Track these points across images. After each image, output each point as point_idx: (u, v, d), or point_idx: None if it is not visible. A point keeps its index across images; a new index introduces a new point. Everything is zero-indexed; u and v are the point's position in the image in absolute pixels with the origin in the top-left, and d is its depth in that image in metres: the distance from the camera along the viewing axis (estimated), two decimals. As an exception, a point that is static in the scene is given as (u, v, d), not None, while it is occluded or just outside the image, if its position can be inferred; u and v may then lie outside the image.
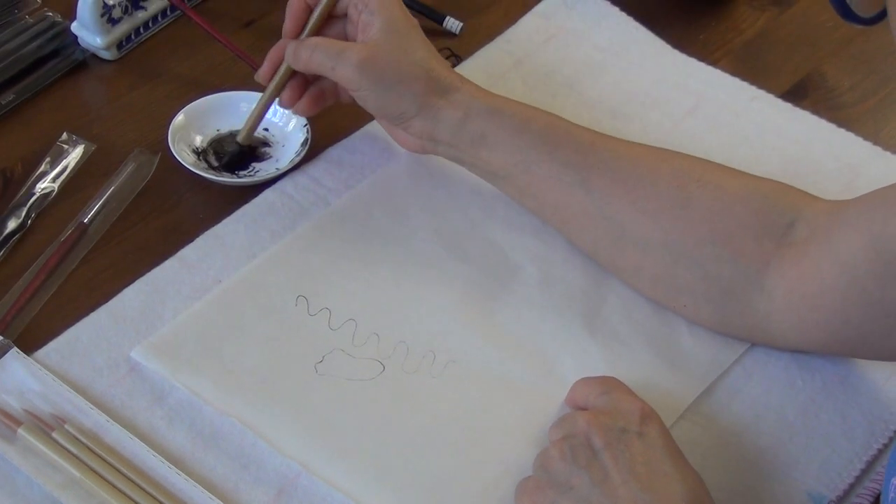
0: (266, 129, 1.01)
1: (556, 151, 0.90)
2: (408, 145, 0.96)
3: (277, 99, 0.97)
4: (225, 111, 1.01)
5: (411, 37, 0.92)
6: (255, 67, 1.04)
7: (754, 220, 0.86)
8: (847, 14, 0.71)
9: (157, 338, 0.85)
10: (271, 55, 0.96)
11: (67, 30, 1.07)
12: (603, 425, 0.76)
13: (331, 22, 0.95)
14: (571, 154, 0.89)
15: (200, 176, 0.96)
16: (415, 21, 0.94)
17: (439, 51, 0.95)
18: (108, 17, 1.05)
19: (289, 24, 0.95)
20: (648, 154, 0.91)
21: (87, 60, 1.07)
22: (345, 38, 0.95)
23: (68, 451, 0.78)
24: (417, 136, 0.93)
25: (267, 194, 0.96)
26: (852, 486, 0.83)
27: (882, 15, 0.72)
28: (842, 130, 1.07)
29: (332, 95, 0.98)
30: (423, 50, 0.92)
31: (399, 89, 0.91)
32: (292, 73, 0.96)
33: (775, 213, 0.86)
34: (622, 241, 0.89)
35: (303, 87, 0.97)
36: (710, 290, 0.87)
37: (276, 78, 0.96)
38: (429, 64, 0.92)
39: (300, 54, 0.93)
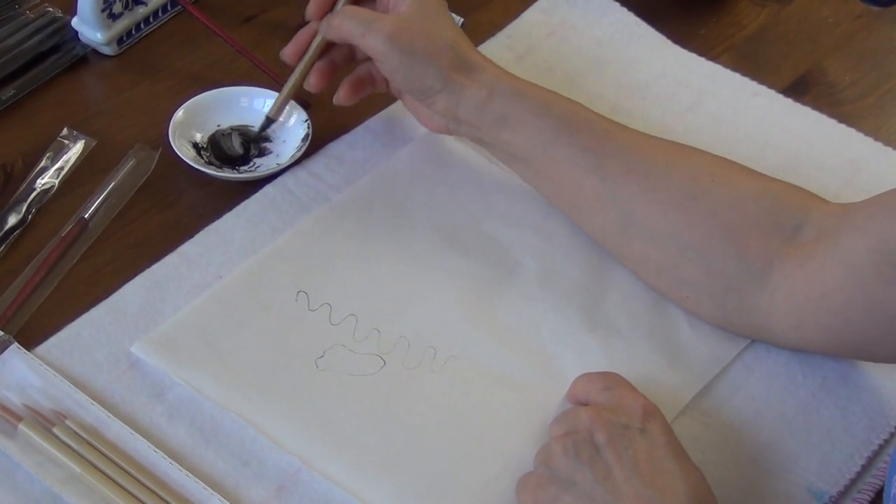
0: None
1: (574, 136, 0.90)
2: (430, 124, 0.96)
3: (307, 82, 0.97)
4: (225, 107, 1.01)
5: (440, 16, 0.93)
6: (256, 63, 1.05)
7: (763, 219, 0.86)
8: None
9: (158, 333, 0.85)
10: (299, 36, 0.97)
11: (68, 25, 1.06)
12: (606, 421, 0.76)
13: (362, 4, 0.96)
14: (589, 140, 0.90)
15: (201, 171, 0.96)
16: (444, 2, 0.95)
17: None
18: (108, 12, 1.05)
19: (313, 8, 0.96)
20: (664, 147, 0.91)
21: (88, 56, 1.07)
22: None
23: (69, 447, 0.78)
24: (441, 115, 0.94)
25: (267, 190, 0.96)
26: (853, 482, 0.83)
27: None
28: (843, 126, 1.07)
29: (370, 83, 0.98)
30: (451, 29, 0.93)
31: (426, 63, 0.91)
32: (321, 53, 0.96)
33: (784, 214, 0.86)
34: (631, 229, 0.89)
35: (330, 72, 0.97)
36: (712, 285, 0.87)
37: (309, 53, 0.96)
38: (456, 42, 0.92)
39: (332, 21, 0.94)
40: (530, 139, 0.91)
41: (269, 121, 0.99)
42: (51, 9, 1.08)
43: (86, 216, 0.93)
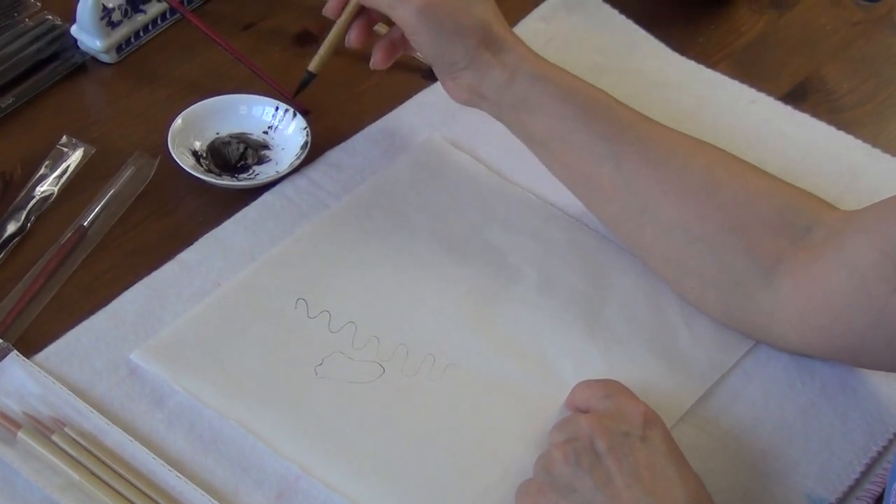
0: (265, 132, 1.01)
1: (593, 124, 0.90)
2: (455, 96, 0.96)
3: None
4: (224, 114, 1.01)
5: None
6: (255, 70, 1.05)
7: (775, 218, 0.86)
8: None
9: (157, 341, 0.85)
10: None
11: (67, 33, 1.06)
12: (606, 429, 0.76)
13: None
14: (608, 128, 0.90)
15: (200, 179, 0.96)
16: None
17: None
18: (107, 20, 1.05)
19: (333, 6, 0.97)
20: (683, 140, 0.91)
21: (87, 63, 1.07)
22: None
23: (68, 454, 0.78)
24: (465, 90, 0.94)
25: (266, 197, 0.96)
26: (852, 489, 0.83)
27: None
28: (841, 133, 1.07)
29: (402, 46, 0.98)
30: (482, 4, 0.93)
31: (455, 39, 0.91)
32: (359, 11, 0.97)
33: (796, 215, 0.86)
34: (643, 217, 0.89)
35: (368, 28, 0.98)
36: (718, 278, 0.87)
37: (346, 11, 0.97)
38: (487, 18, 0.92)
39: None
40: (549, 123, 0.91)
41: (311, 75, 1.00)
42: (50, 16, 1.08)
43: (85, 224, 0.93)
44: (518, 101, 0.92)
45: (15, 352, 0.83)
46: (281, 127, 1.01)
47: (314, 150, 0.99)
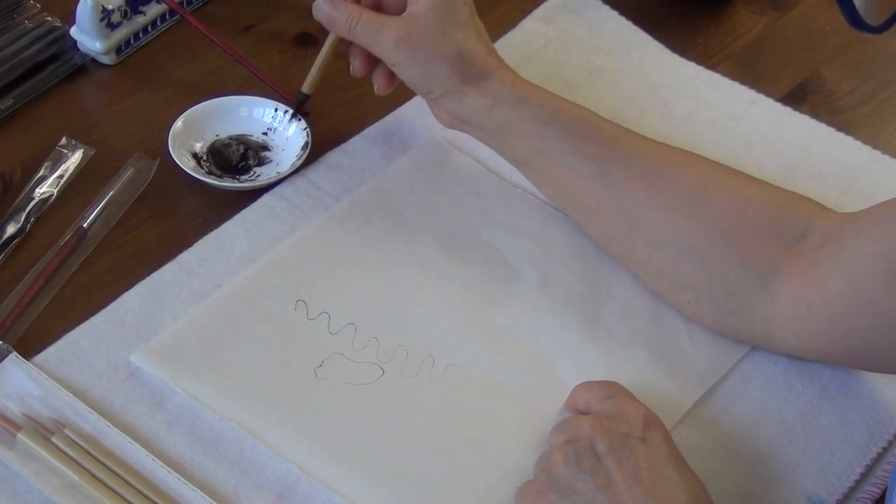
0: (265, 133, 1.01)
1: (579, 144, 0.90)
2: (440, 119, 0.96)
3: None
4: (224, 116, 1.01)
5: (456, 14, 0.92)
6: (255, 72, 1.05)
7: (767, 226, 0.86)
8: (856, 22, 0.71)
9: (157, 342, 0.85)
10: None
11: (66, 34, 1.06)
12: (607, 430, 0.76)
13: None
14: (594, 148, 0.90)
15: (200, 181, 0.96)
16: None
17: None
18: (107, 21, 1.05)
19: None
20: (671, 154, 0.91)
21: (87, 65, 1.07)
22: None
23: (68, 456, 0.78)
24: (447, 114, 0.95)
25: (266, 199, 0.96)
26: (852, 490, 0.83)
27: (890, 23, 0.72)
28: (840, 134, 1.07)
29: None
30: (464, 30, 0.93)
31: (429, 68, 0.92)
32: None
33: (789, 221, 0.86)
34: (634, 233, 0.89)
35: (369, 54, 0.96)
36: (713, 290, 0.87)
37: (332, 35, 0.97)
38: (466, 45, 0.92)
39: (339, 22, 0.94)
40: (534, 146, 0.91)
41: (305, 96, 1.00)
42: (49, 18, 1.08)
43: (84, 225, 0.93)
44: (500, 127, 0.92)
45: (15, 353, 0.83)
46: (281, 128, 1.01)
47: (314, 152, 0.99)
